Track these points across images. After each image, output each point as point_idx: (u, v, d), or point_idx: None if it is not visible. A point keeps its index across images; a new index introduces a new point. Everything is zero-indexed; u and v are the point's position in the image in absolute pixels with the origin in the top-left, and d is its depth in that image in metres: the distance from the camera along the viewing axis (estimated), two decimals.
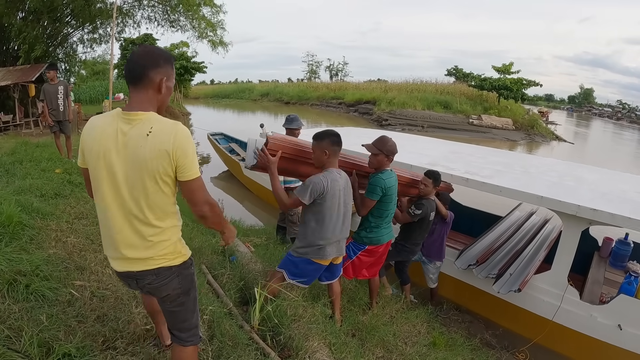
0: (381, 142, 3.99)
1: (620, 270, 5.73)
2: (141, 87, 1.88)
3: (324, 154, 3.34)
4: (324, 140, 3.34)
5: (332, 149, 3.34)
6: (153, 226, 1.94)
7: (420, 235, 4.97)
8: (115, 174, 1.86)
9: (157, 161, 1.82)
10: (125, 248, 1.96)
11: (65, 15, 17.47)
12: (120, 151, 1.84)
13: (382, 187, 3.87)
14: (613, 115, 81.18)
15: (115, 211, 1.92)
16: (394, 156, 4.03)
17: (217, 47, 21.42)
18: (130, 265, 2.01)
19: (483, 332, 5.19)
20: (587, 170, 6.64)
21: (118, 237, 1.96)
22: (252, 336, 3.26)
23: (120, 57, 39.67)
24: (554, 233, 6.37)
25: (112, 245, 1.99)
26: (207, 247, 4.92)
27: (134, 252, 1.97)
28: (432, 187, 4.80)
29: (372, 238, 4.11)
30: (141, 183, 1.86)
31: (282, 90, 55.96)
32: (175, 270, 2.08)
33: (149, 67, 1.87)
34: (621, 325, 4.38)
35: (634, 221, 4.10)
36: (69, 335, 2.70)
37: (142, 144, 1.81)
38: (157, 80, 1.89)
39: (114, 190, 1.89)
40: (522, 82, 32.10)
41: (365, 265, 4.26)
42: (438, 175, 4.83)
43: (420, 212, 4.70)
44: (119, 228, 1.94)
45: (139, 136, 1.82)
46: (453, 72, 47.97)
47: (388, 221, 4.18)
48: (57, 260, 3.70)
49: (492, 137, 27.19)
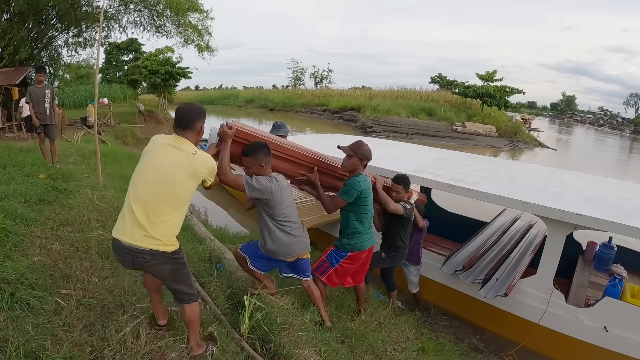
0: (356, 145, 4.07)
1: (605, 274, 5.79)
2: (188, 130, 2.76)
3: (260, 167, 3.38)
4: (258, 155, 3.35)
5: (266, 160, 3.41)
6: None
7: (405, 237, 4.92)
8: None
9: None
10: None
11: (51, 18, 17.26)
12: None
13: (357, 190, 3.91)
14: (595, 122, 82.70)
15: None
16: (367, 161, 4.09)
17: (203, 52, 21.34)
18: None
19: (471, 336, 5.22)
20: (571, 175, 6.73)
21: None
22: (242, 344, 3.24)
23: (105, 62, 39.34)
24: (539, 238, 6.44)
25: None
26: (194, 255, 4.89)
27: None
28: (403, 192, 4.78)
29: (355, 244, 4.11)
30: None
31: (266, 96, 55.96)
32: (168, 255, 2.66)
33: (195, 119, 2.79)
34: (607, 327, 4.44)
35: (618, 225, 4.16)
36: (56, 345, 2.67)
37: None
38: (198, 127, 2.82)
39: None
40: (505, 89, 32.54)
41: (349, 272, 4.26)
42: (407, 179, 4.83)
43: (409, 207, 4.76)
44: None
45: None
46: (437, 79, 48.31)
47: (368, 226, 4.20)
48: (42, 267, 3.65)
49: (476, 143, 27.46)
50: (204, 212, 9.84)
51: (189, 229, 6.18)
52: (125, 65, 40.32)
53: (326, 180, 4.26)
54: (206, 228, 6.54)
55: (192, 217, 7.15)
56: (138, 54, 39.09)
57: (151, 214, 2.54)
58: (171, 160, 2.62)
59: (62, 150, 9.87)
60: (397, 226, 4.83)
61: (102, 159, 7.51)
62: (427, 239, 7.24)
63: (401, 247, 4.92)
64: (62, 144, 11.65)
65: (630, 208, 4.84)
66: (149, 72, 34.51)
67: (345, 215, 4.15)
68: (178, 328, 3.20)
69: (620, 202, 5.05)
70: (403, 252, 5.00)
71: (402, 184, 4.76)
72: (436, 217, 7.79)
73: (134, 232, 2.54)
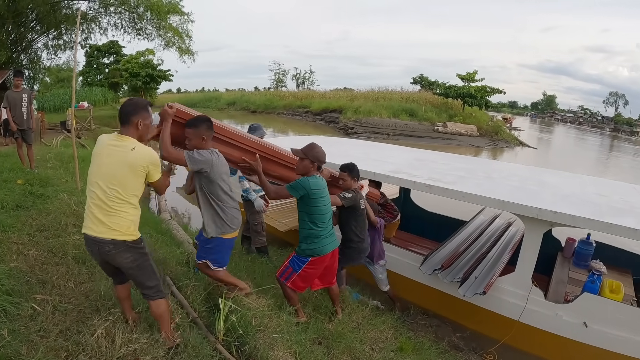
0: (308, 147, 4.03)
1: (584, 270, 5.87)
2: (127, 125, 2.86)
3: (202, 139, 3.49)
4: (200, 127, 3.47)
5: (208, 133, 3.53)
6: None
7: (359, 229, 4.72)
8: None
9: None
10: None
11: (30, 21, 17.09)
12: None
13: (305, 188, 3.85)
14: (575, 121, 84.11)
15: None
16: (320, 164, 4.06)
17: (184, 55, 21.28)
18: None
19: (450, 335, 5.23)
20: (549, 174, 6.82)
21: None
22: (216, 347, 3.24)
23: (85, 64, 38.98)
24: (518, 236, 6.51)
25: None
26: (172, 258, 4.87)
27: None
28: (350, 180, 4.61)
29: (314, 249, 4.01)
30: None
31: (248, 99, 55.79)
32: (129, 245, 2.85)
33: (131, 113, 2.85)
34: (586, 322, 4.50)
35: (595, 222, 4.23)
36: (31, 351, 2.67)
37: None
38: (135, 122, 2.85)
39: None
40: (486, 89, 32.82)
41: (314, 276, 4.19)
42: (353, 167, 4.66)
43: (350, 195, 4.54)
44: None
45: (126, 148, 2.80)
46: (419, 80, 48.72)
47: (327, 230, 4.06)
48: (18, 273, 3.62)
49: (457, 143, 27.66)
50: (185, 216, 9.78)
51: (167, 232, 6.16)
52: (106, 68, 40.08)
53: (276, 170, 4.31)
54: (185, 232, 6.51)
55: (171, 221, 7.12)
56: (119, 56, 38.88)
57: (107, 210, 2.76)
58: (114, 160, 2.79)
59: (40, 155, 9.75)
60: (348, 218, 4.69)
61: (81, 163, 7.43)
62: (406, 238, 7.33)
63: (355, 240, 4.73)
64: (41, 148, 11.52)
65: (607, 205, 4.92)
66: (130, 75, 34.34)
67: (300, 218, 4.09)
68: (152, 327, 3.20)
69: (597, 199, 5.13)
70: (359, 247, 4.79)
71: (348, 171, 4.61)
72: (415, 216, 7.86)
73: (97, 226, 2.76)
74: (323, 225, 4.01)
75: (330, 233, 4.11)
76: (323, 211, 4.01)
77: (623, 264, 6.03)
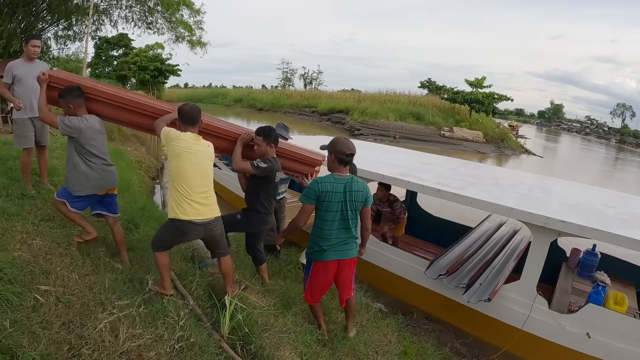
0: (331, 142, 3.82)
1: (588, 280, 5.84)
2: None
3: (69, 108, 3.77)
4: (66, 97, 3.74)
5: (76, 102, 3.76)
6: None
7: (267, 201, 4.47)
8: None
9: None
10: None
11: (41, 10, 17.07)
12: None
13: (314, 191, 3.59)
14: (581, 131, 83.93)
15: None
16: (346, 157, 3.69)
17: (195, 47, 21.24)
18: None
19: (453, 341, 5.23)
20: (556, 183, 6.80)
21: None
22: (221, 345, 3.21)
23: (94, 56, 39.04)
24: (523, 244, 6.50)
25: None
26: (177, 254, 4.83)
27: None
28: (265, 145, 4.22)
29: (315, 252, 3.77)
30: None
31: (255, 96, 55.98)
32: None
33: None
34: (589, 333, 4.47)
35: (602, 232, 4.20)
36: (33, 342, 2.61)
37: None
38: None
39: None
40: (493, 96, 32.80)
41: (322, 286, 3.89)
42: (268, 130, 4.28)
43: (265, 165, 4.16)
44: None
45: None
46: (426, 84, 48.46)
47: (333, 234, 3.69)
48: (21, 263, 3.56)
49: (463, 149, 27.64)
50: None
51: None
52: (115, 61, 40.15)
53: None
54: None
55: None
56: (128, 49, 38.94)
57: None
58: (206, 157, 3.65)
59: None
60: (257, 187, 4.40)
61: None
62: (411, 242, 7.33)
63: (261, 211, 4.46)
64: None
65: (614, 216, 4.89)
66: (138, 68, 34.36)
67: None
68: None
69: (605, 210, 5.11)
70: (263, 218, 4.54)
71: (263, 135, 4.22)
72: (420, 220, 7.84)
73: (204, 209, 3.55)
74: (328, 229, 3.68)
75: (340, 242, 3.73)
76: (330, 217, 3.66)
77: (626, 276, 5.99)
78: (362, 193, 3.70)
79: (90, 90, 3.87)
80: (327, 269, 3.78)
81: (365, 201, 3.75)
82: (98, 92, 3.90)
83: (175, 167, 3.49)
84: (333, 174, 3.70)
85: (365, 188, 3.75)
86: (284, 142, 4.77)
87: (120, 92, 4.08)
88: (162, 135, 3.55)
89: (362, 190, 3.70)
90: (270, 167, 4.21)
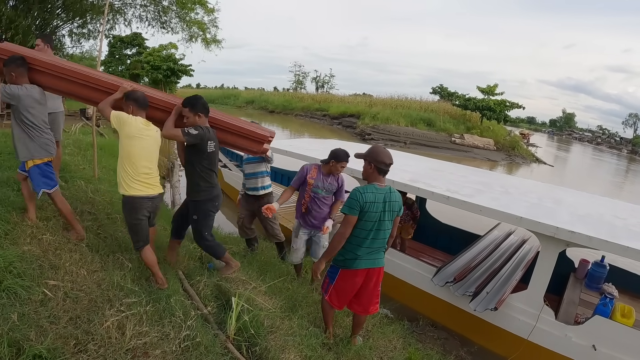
0: (369, 149, 3.73)
1: (596, 292, 5.80)
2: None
3: (11, 76, 3.86)
4: (9, 66, 3.84)
5: (17, 71, 3.87)
6: None
7: (205, 173, 4.16)
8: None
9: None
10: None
11: (56, 7, 17.22)
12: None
13: (358, 202, 3.48)
14: (593, 140, 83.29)
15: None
16: (384, 167, 3.64)
17: (210, 45, 21.28)
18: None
19: (458, 349, 5.20)
20: (566, 193, 6.75)
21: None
22: (227, 346, 3.22)
23: (108, 54, 39.31)
24: (531, 253, 6.46)
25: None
26: (185, 253, 4.86)
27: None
28: (193, 115, 4.00)
29: (345, 260, 3.69)
30: None
31: (267, 98, 56.10)
32: None
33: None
34: (595, 345, 4.44)
35: (611, 244, 4.16)
36: (40, 336, 2.65)
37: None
38: None
39: None
40: (505, 103, 32.65)
41: (348, 293, 3.81)
42: (195, 100, 4.06)
43: (196, 132, 3.92)
44: None
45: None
46: (438, 90, 48.37)
47: (367, 242, 3.60)
48: (31, 257, 3.60)
49: (473, 156, 27.54)
50: None
51: None
52: (128, 59, 40.36)
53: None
54: None
55: None
56: (141, 48, 39.15)
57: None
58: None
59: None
60: (193, 160, 4.14)
61: (99, 151, 7.45)
62: (419, 249, 7.31)
63: (201, 185, 4.18)
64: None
65: (624, 228, 4.85)
66: (151, 68, 34.54)
67: None
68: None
69: (614, 221, 5.07)
70: (208, 192, 4.22)
71: (189, 106, 4.01)
72: (429, 227, 7.82)
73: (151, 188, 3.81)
74: (364, 238, 3.59)
75: (372, 250, 3.67)
76: (368, 226, 3.56)
77: (635, 288, 5.95)
78: (398, 203, 3.68)
79: (32, 60, 3.96)
80: (355, 277, 3.72)
81: (399, 211, 3.74)
82: (39, 63, 3.99)
83: (125, 149, 3.72)
84: (374, 184, 3.60)
85: (400, 198, 3.74)
86: (225, 115, 4.53)
87: (61, 62, 4.19)
88: (114, 118, 3.73)
89: (398, 200, 3.68)
90: (201, 134, 3.96)
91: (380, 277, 3.85)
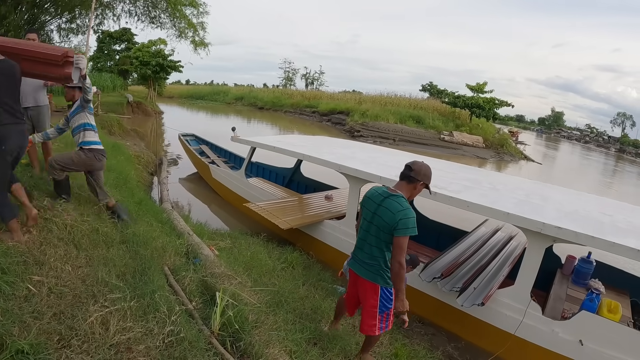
0: (418, 168, 3.66)
1: (582, 288, 5.84)
2: None
3: None
4: None
5: None
6: None
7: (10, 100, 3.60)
8: None
9: None
10: None
11: (45, 2, 17.07)
12: None
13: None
14: (581, 139, 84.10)
15: None
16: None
17: (197, 48, 21.26)
18: None
19: (446, 344, 5.21)
20: (553, 190, 6.80)
21: None
22: (211, 341, 3.21)
23: (97, 50, 39.01)
24: (519, 249, 6.50)
25: None
26: (171, 249, 4.84)
27: None
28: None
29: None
30: None
31: (256, 95, 55.96)
32: None
33: None
34: (582, 340, 4.47)
35: (597, 240, 4.19)
36: (23, 332, 2.62)
37: None
38: None
39: None
40: (494, 101, 32.80)
41: (350, 290, 3.84)
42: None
43: None
44: None
45: None
46: (428, 88, 48.60)
47: (357, 243, 3.61)
48: (15, 253, 3.56)
49: (462, 153, 27.64)
50: (186, 207, 9.76)
51: (168, 222, 6.13)
52: (117, 55, 40.08)
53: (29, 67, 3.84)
54: (186, 223, 6.48)
55: (172, 211, 7.09)
56: (130, 44, 38.90)
57: None
58: None
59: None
60: None
61: None
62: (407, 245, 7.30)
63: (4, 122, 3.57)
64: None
65: (611, 224, 4.88)
66: (140, 63, 34.24)
67: None
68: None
69: (601, 218, 5.10)
70: (9, 130, 3.62)
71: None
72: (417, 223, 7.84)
73: None
74: (359, 240, 3.61)
75: (357, 255, 3.61)
76: (362, 224, 3.59)
77: (621, 284, 6.00)
78: (389, 214, 3.39)
79: None
80: (350, 276, 3.77)
81: (391, 226, 3.39)
82: None
83: None
84: (377, 186, 3.65)
85: (396, 211, 3.40)
86: (9, 39, 4.00)
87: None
88: None
89: (392, 210, 3.40)
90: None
91: (368, 294, 3.60)
